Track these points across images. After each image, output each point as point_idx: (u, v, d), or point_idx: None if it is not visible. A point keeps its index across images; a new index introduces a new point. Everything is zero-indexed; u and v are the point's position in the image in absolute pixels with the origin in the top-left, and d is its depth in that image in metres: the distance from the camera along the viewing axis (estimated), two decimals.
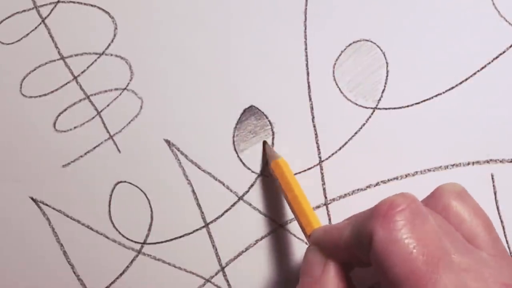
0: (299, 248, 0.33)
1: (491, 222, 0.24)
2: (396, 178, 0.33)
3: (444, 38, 0.33)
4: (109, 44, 0.33)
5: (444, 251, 0.20)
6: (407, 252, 0.20)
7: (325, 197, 0.33)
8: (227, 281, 0.33)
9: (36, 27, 0.32)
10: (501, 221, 0.33)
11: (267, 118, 0.33)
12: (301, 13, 0.33)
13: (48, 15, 0.32)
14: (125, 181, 0.33)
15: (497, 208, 0.33)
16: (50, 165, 0.33)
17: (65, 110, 0.33)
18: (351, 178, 0.33)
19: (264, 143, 0.33)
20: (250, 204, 0.33)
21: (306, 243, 0.33)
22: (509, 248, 0.33)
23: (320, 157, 0.33)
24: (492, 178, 0.33)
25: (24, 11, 0.32)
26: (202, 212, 0.33)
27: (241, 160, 0.33)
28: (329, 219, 0.33)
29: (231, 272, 0.33)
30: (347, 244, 0.23)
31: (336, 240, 0.24)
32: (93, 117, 0.33)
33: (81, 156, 0.33)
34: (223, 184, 0.33)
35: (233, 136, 0.33)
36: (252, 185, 0.33)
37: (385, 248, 0.20)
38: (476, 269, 0.21)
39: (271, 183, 0.33)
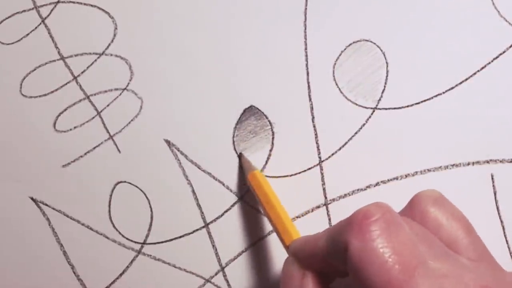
0: None
1: (471, 224, 0.24)
2: (396, 178, 0.33)
3: (444, 38, 0.33)
4: (109, 44, 0.33)
5: (420, 259, 0.20)
6: (382, 262, 0.20)
7: (325, 197, 0.33)
8: (227, 281, 0.33)
9: (36, 27, 0.32)
10: (501, 221, 0.33)
11: (267, 118, 0.33)
12: (301, 13, 0.33)
13: (48, 15, 0.32)
14: (125, 181, 0.33)
15: (497, 208, 0.33)
16: (50, 165, 0.33)
17: (65, 110, 0.33)
18: (351, 178, 0.33)
19: (240, 155, 0.33)
20: (250, 204, 0.33)
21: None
22: (509, 248, 0.33)
23: (320, 157, 0.33)
24: (492, 178, 0.33)
25: (24, 11, 0.32)
26: (202, 212, 0.33)
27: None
28: (329, 219, 0.33)
29: (231, 272, 0.33)
30: (324, 254, 0.23)
31: (314, 250, 0.24)
32: (93, 117, 0.33)
33: (81, 156, 0.33)
34: (223, 184, 0.33)
35: (233, 136, 0.33)
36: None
37: (360, 258, 0.20)
38: (456, 274, 0.21)
39: (271, 183, 0.33)
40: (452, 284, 0.20)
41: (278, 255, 0.33)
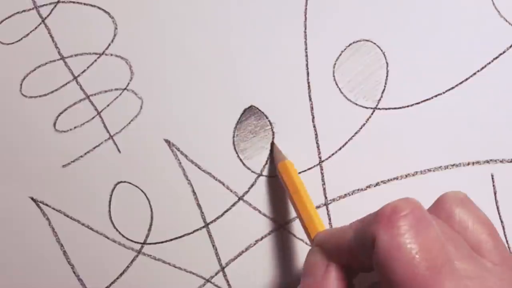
0: (299, 248, 0.33)
1: (495, 229, 0.24)
2: (396, 178, 0.33)
3: (444, 38, 0.33)
4: (109, 44, 0.33)
5: (447, 258, 0.20)
6: (409, 257, 0.20)
7: (325, 197, 0.33)
8: (227, 281, 0.33)
9: (36, 27, 0.32)
10: (501, 221, 0.33)
11: (267, 118, 0.33)
12: (301, 13, 0.33)
13: (48, 15, 0.32)
14: (125, 181, 0.33)
15: (497, 208, 0.33)
16: (50, 165, 0.33)
17: (65, 110, 0.33)
18: (351, 178, 0.33)
19: (272, 144, 0.33)
20: (250, 204, 0.33)
21: (306, 243, 0.33)
22: (509, 248, 0.33)
23: (320, 157, 0.33)
24: (492, 178, 0.33)
25: (24, 11, 0.32)
26: (202, 212, 0.33)
27: (241, 160, 0.33)
28: (329, 219, 0.33)
29: (231, 272, 0.33)
30: (350, 247, 0.23)
31: (339, 243, 0.24)
32: (93, 117, 0.33)
33: (81, 156, 0.33)
34: (223, 184, 0.33)
35: (233, 136, 0.33)
36: (252, 185, 0.33)
37: (387, 253, 0.20)
38: (480, 276, 0.21)
39: (271, 183, 0.33)
40: (476, 286, 0.20)
41: (278, 255, 0.33)
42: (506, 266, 0.22)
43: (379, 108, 0.33)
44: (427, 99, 0.33)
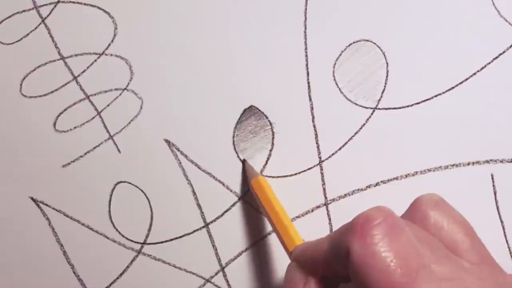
0: None
1: (472, 227, 0.24)
2: (396, 178, 0.33)
3: (444, 38, 0.33)
4: (109, 44, 0.33)
5: (422, 262, 0.20)
6: (384, 266, 0.20)
7: (325, 197, 0.33)
8: (227, 281, 0.33)
9: (36, 27, 0.32)
10: (501, 221, 0.33)
11: (267, 118, 0.33)
12: (301, 13, 0.33)
13: (48, 15, 0.32)
14: (125, 181, 0.33)
15: (497, 208, 0.33)
16: (50, 165, 0.33)
17: (65, 110, 0.33)
18: (351, 178, 0.33)
19: (244, 161, 0.33)
20: (250, 204, 0.33)
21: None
22: (509, 248, 0.33)
23: (320, 157, 0.33)
24: (492, 178, 0.33)
25: (24, 11, 0.32)
26: (202, 212, 0.33)
27: (241, 160, 0.33)
28: (329, 219, 0.33)
29: (231, 272, 0.33)
30: (326, 259, 0.23)
31: (316, 255, 0.24)
32: (93, 117, 0.33)
33: (81, 156, 0.33)
34: (223, 184, 0.33)
35: (233, 136, 0.33)
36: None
37: (362, 263, 0.20)
38: (457, 277, 0.21)
39: (271, 183, 0.33)
40: (454, 287, 0.20)
41: (278, 255, 0.33)
42: (485, 265, 0.22)
43: (379, 108, 0.33)
44: (427, 99, 0.33)
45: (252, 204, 0.33)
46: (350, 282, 0.22)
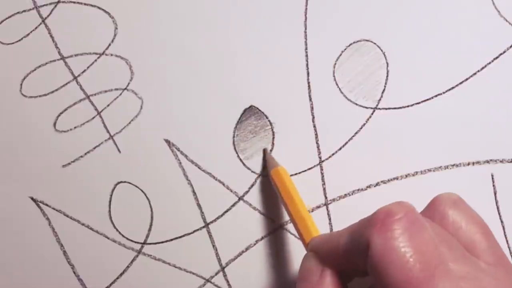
0: (298, 248, 0.33)
1: (489, 229, 0.24)
2: (396, 178, 0.33)
3: (444, 38, 0.33)
4: (109, 44, 0.33)
5: (441, 259, 0.20)
6: (403, 261, 0.20)
7: (325, 197, 0.33)
8: (227, 281, 0.33)
9: (36, 27, 0.32)
10: (501, 221, 0.33)
11: (267, 118, 0.33)
12: (301, 13, 0.33)
13: (48, 15, 0.32)
14: (125, 181, 0.33)
15: (497, 208, 0.33)
16: (50, 165, 0.33)
17: (65, 110, 0.33)
18: (351, 178, 0.33)
19: (265, 150, 0.33)
20: (250, 204, 0.33)
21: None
22: (509, 248, 0.33)
23: (320, 157, 0.33)
24: (492, 178, 0.33)
25: (24, 11, 0.32)
26: (202, 212, 0.33)
27: (241, 160, 0.33)
28: (329, 219, 0.33)
29: (231, 272, 0.33)
30: (345, 252, 0.23)
31: (334, 247, 0.24)
32: (93, 117, 0.33)
33: (81, 156, 0.33)
34: (223, 184, 0.33)
35: (233, 136, 0.33)
36: (252, 185, 0.33)
37: (382, 257, 0.20)
38: (474, 277, 0.21)
39: (271, 183, 0.33)
40: (471, 287, 0.20)
41: (278, 255, 0.33)
42: (501, 266, 0.22)
43: (379, 108, 0.33)
44: (427, 99, 0.33)
45: (252, 204, 0.33)
46: (366, 276, 0.22)
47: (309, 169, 0.33)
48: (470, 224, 0.23)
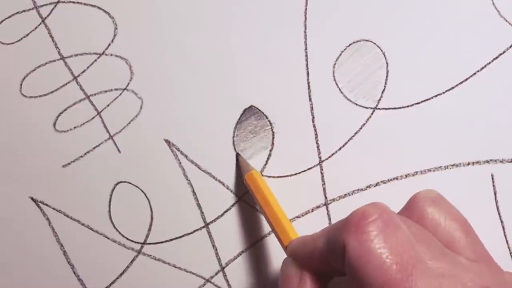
0: None
1: (469, 224, 0.24)
2: (396, 178, 0.33)
3: (444, 38, 0.33)
4: (109, 44, 0.33)
5: (418, 258, 0.20)
6: (380, 262, 0.20)
7: (325, 197, 0.33)
8: (227, 281, 0.33)
9: (36, 27, 0.32)
10: (501, 221, 0.33)
11: (267, 118, 0.33)
12: (301, 13, 0.33)
13: (48, 15, 0.32)
14: (125, 181, 0.33)
15: (497, 208, 0.33)
16: (50, 165, 0.33)
17: (65, 110, 0.33)
18: (351, 178, 0.33)
19: (237, 155, 0.33)
20: (250, 204, 0.33)
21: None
22: (509, 248, 0.33)
23: (320, 157, 0.33)
24: (492, 178, 0.33)
25: (24, 11, 0.32)
26: (202, 212, 0.33)
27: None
28: (329, 219, 0.33)
29: (231, 272, 0.33)
30: (322, 254, 0.23)
31: (311, 251, 0.24)
32: (93, 117, 0.33)
33: (81, 156, 0.33)
34: (223, 184, 0.33)
35: (233, 136, 0.33)
36: None
37: (358, 259, 0.20)
38: (454, 273, 0.21)
39: (271, 183, 0.33)
40: (451, 284, 0.20)
41: (278, 255, 0.33)
42: (482, 261, 0.22)
43: (379, 108, 0.33)
44: (427, 99, 0.33)
45: (252, 204, 0.33)
46: (344, 275, 0.22)
47: (309, 169, 0.33)
48: (449, 220, 0.23)
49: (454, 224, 0.23)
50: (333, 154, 0.33)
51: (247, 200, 0.33)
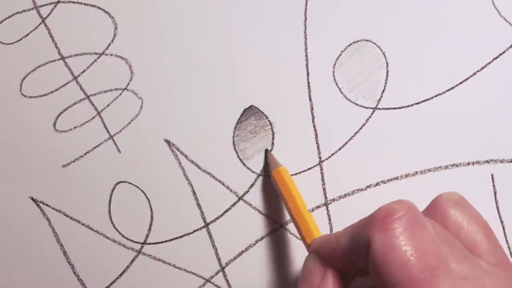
0: (299, 248, 0.33)
1: (491, 228, 0.24)
2: (396, 178, 0.33)
3: (444, 38, 0.33)
4: (109, 44, 0.33)
5: (442, 259, 0.20)
6: (404, 260, 0.20)
7: (325, 197, 0.33)
8: (227, 281, 0.33)
9: (36, 27, 0.32)
10: (501, 221, 0.33)
11: (267, 118, 0.33)
12: (301, 13, 0.33)
13: (48, 15, 0.32)
14: (125, 181, 0.33)
15: (497, 208, 0.33)
16: (50, 165, 0.33)
17: (65, 110, 0.33)
18: (351, 178, 0.33)
19: (266, 151, 0.33)
20: (250, 204, 0.33)
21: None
22: (509, 248, 0.33)
23: (320, 157, 0.33)
24: (492, 178, 0.33)
25: (24, 11, 0.32)
26: (202, 212, 0.33)
27: (241, 160, 0.33)
28: (329, 219, 0.33)
29: (231, 272, 0.33)
30: (346, 252, 0.23)
31: (335, 248, 0.24)
32: (93, 117, 0.33)
33: (81, 156, 0.33)
34: (223, 184, 0.33)
35: (233, 136, 0.33)
36: (252, 185, 0.33)
37: (382, 255, 0.20)
38: (475, 277, 0.21)
39: (271, 183, 0.33)
40: (472, 287, 0.20)
41: (278, 255, 0.33)
42: (502, 266, 0.22)
43: (379, 108, 0.33)
44: (427, 99, 0.33)
45: (252, 204, 0.33)
46: (367, 275, 0.22)
47: (309, 169, 0.33)
48: (472, 224, 0.23)
49: (477, 228, 0.23)
50: (333, 154, 0.33)
51: (247, 200, 0.33)
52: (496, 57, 0.33)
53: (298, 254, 0.33)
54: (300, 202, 0.29)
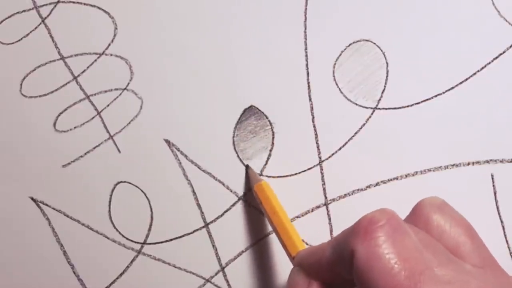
0: None
1: (474, 230, 0.24)
2: (396, 178, 0.33)
3: (444, 38, 0.33)
4: (109, 44, 0.33)
5: (426, 265, 0.20)
6: (388, 268, 0.20)
7: (325, 197, 0.33)
8: (227, 281, 0.33)
9: (36, 27, 0.32)
10: (501, 221, 0.33)
11: (267, 118, 0.33)
12: (301, 13, 0.33)
13: (48, 15, 0.32)
14: (125, 181, 0.33)
15: (497, 208, 0.33)
16: (50, 165, 0.33)
17: (65, 110, 0.33)
18: (351, 178, 0.33)
19: (247, 167, 0.33)
20: (250, 204, 0.33)
21: (306, 243, 0.33)
22: (509, 248, 0.33)
23: (320, 157, 0.33)
24: (492, 178, 0.33)
25: (24, 11, 0.32)
26: (202, 212, 0.33)
27: (241, 160, 0.33)
28: (329, 219, 0.33)
29: (231, 272, 0.33)
30: (330, 262, 0.23)
31: (320, 259, 0.24)
32: (93, 117, 0.33)
33: (81, 156, 0.33)
34: (223, 184, 0.33)
35: (233, 136, 0.33)
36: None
37: (366, 265, 0.20)
38: (461, 280, 0.21)
39: (271, 183, 0.33)
40: None
41: (278, 255, 0.33)
42: (487, 267, 0.22)
43: (379, 108, 0.33)
44: (427, 99, 0.33)
45: (252, 204, 0.33)
46: (353, 287, 0.22)
47: (309, 169, 0.33)
48: (454, 226, 0.23)
49: (459, 230, 0.23)
50: (333, 154, 0.33)
51: (247, 200, 0.33)
52: (496, 57, 0.33)
53: None
54: (283, 215, 0.29)
